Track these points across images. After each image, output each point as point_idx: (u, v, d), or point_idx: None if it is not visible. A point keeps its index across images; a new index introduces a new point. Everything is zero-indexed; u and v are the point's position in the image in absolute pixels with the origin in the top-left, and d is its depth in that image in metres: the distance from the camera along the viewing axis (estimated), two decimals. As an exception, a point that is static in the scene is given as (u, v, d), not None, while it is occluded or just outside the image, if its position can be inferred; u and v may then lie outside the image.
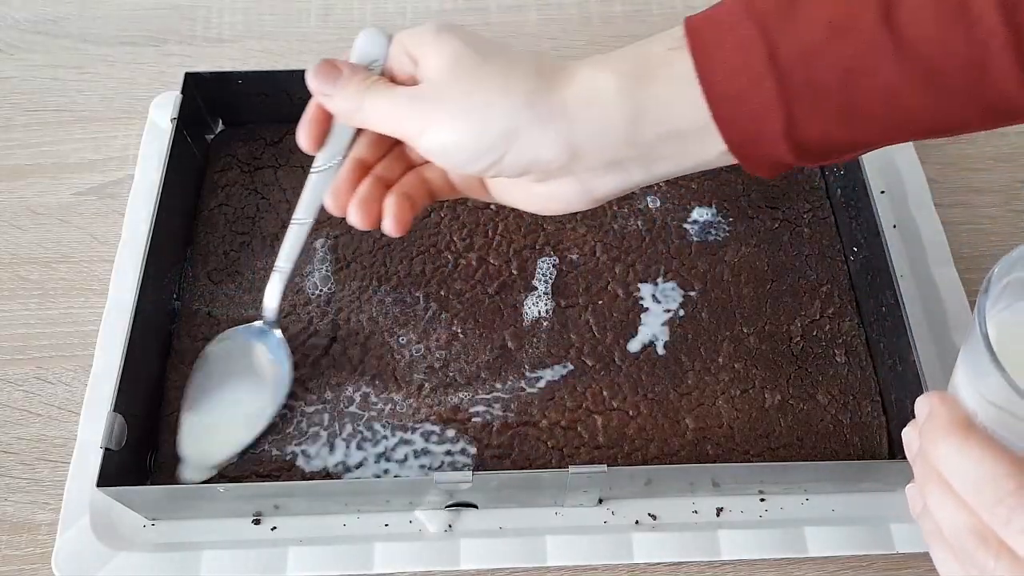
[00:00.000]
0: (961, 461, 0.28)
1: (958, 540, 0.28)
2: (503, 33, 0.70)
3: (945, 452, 0.29)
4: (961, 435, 0.28)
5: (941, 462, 0.29)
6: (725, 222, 0.56)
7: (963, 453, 0.28)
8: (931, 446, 0.29)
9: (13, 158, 0.63)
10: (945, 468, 0.29)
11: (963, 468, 0.28)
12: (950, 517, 0.29)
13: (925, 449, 0.30)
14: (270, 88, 0.59)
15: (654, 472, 0.46)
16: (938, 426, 0.29)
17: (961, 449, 0.28)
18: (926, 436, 0.30)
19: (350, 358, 0.51)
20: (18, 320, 0.55)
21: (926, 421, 0.30)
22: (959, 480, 0.28)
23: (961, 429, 0.28)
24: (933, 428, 0.29)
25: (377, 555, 0.46)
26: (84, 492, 0.47)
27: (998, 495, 0.27)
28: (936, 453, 0.29)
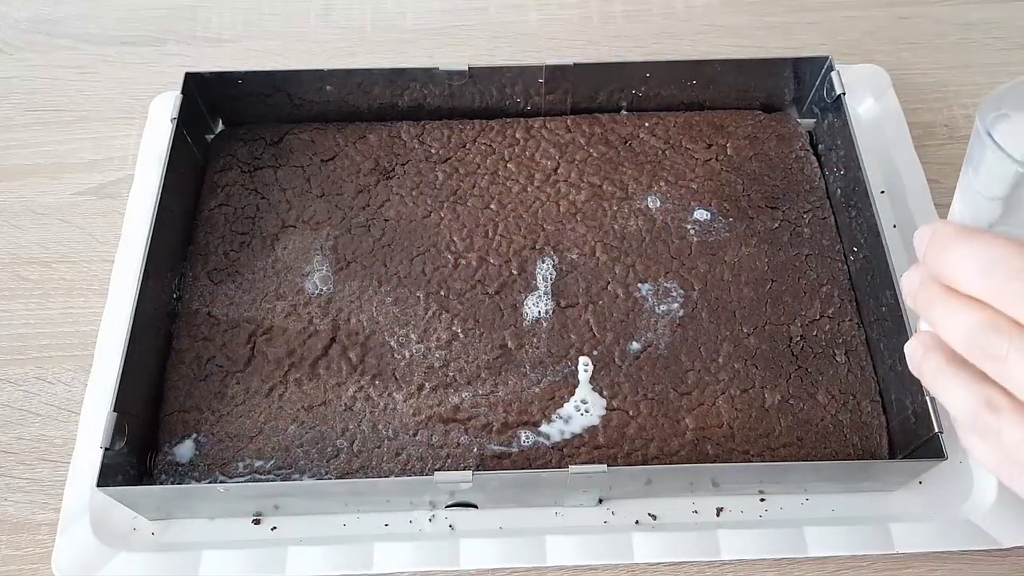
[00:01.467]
0: (969, 255, 0.28)
1: (970, 341, 0.28)
2: (503, 33, 0.70)
3: (952, 255, 0.29)
4: (967, 236, 0.28)
5: (949, 267, 0.29)
6: (725, 222, 0.56)
7: (971, 247, 0.28)
8: (937, 259, 0.29)
9: (13, 158, 0.63)
10: (954, 271, 0.29)
11: (972, 259, 0.28)
12: (960, 322, 0.29)
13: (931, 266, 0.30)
14: (270, 88, 0.59)
15: (654, 472, 0.46)
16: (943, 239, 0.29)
17: (969, 245, 0.28)
18: (931, 255, 0.30)
19: (350, 358, 0.51)
20: (18, 320, 0.56)
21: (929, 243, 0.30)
22: (968, 274, 0.28)
23: (966, 232, 0.28)
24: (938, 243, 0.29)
25: (377, 555, 0.46)
26: (84, 492, 0.47)
27: (1009, 272, 0.27)
28: (944, 261, 0.29)
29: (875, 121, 0.62)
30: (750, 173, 0.58)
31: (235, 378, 0.50)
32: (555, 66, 0.57)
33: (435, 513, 0.48)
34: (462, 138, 0.60)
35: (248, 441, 0.49)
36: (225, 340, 0.52)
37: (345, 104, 0.60)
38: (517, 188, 0.58)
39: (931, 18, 0.71)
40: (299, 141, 0.60)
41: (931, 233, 0.30)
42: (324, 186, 0.58)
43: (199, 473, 0.48)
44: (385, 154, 0.59)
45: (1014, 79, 0.32)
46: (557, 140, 0.60)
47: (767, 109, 0.62)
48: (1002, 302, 0.27)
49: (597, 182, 0.58)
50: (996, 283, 0.27)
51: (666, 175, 0.58)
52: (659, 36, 0.70)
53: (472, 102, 0.60)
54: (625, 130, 0.60)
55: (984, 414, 0.28)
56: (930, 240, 0.30)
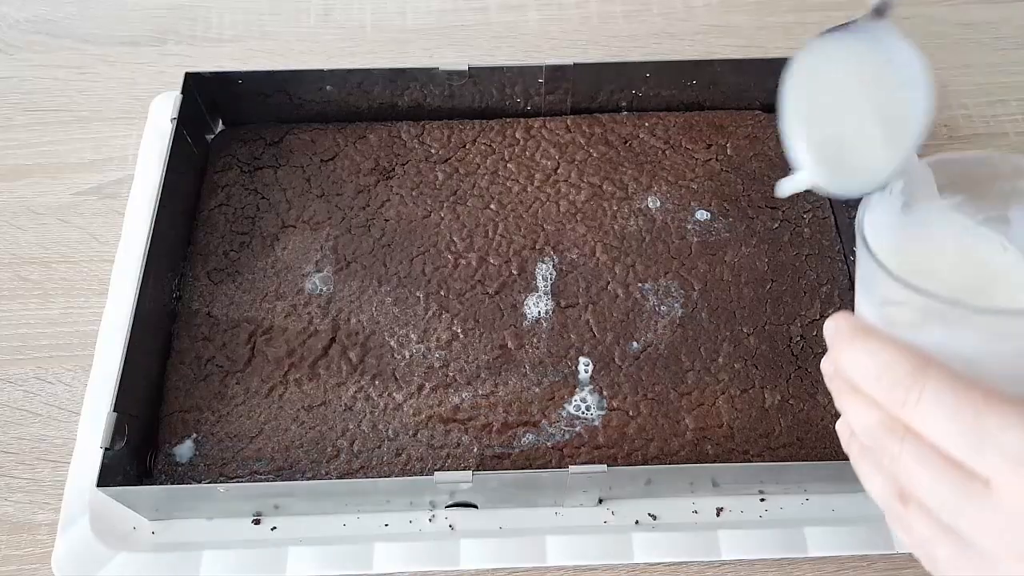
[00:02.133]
0: (862, 358, 0.30)
1: (870, 438, 0.30)
2: (503, 33, 0.70)
3: (849, 356, 0.30)
4: (861, 337, 0.30)
5: (847, 367, 0.30)
6: (725, 222, 0.56)
7: (864, 351, 0.30)
8: (839, 356, 0.31)
9: (13, 158, 0.63)
10: (851, 371, 0.30)
11: (864, 364, 0.30)
12: (860, 417, 0.30)
13: (835, 361, 0.32)
14: (270, 88, 0.59)
15: (654, 472, 0.46)
16: (843, 337, 0.31)
17: (862, 348, 0.30)
18: (834, 350, 0.31)
19: (350, 358, 0.51)
20: (18, 320, 0.56)
21: (832, 337, 0.32)
22: (862, 376, 0.30)
23: (861, 332, 0.30)
24: (839, 340, 0.31)
25: (377, 555, 0.46)
26: (84, 492, 0.47)
27: (895, 379, 0.28)
28: (843, 360, 0.31)
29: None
30: (750, 173, 0.58)
31: (235, 378, 0.50)
32: (555, 66, 0.57)
33: (435, 513, 0.48)
34: (462, 138, 0.60)
35: (248, 441, 0.49)
36: (225, 340, 0.52)
37: (345, 104, 0.60)
38: (517, 188, 0.58)
39: (931, 18, 0.71)
40: (299, 141, 0.60)
41: (834, 328, 0.31)
42: (324, 186, 0.58)
43: (199, 473, 0.48)
44: (385, 154, 0.59)
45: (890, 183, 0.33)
46: (557, 140, 0.60)
47: (767, 109, 0.62)
48: (890, 406, 0.29)
49: (597, 182, 0.58)
50: (883, 389, 0.29)
51: (666, 175, 0.58)
52: (659, 36, 0.70)
53: (472, 102, 0.60)
54: (625, 130, 0.60)
55: (896, 505, 0.30)
56: (834, 335, 0.31)
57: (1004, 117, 0.65)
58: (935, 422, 0.27)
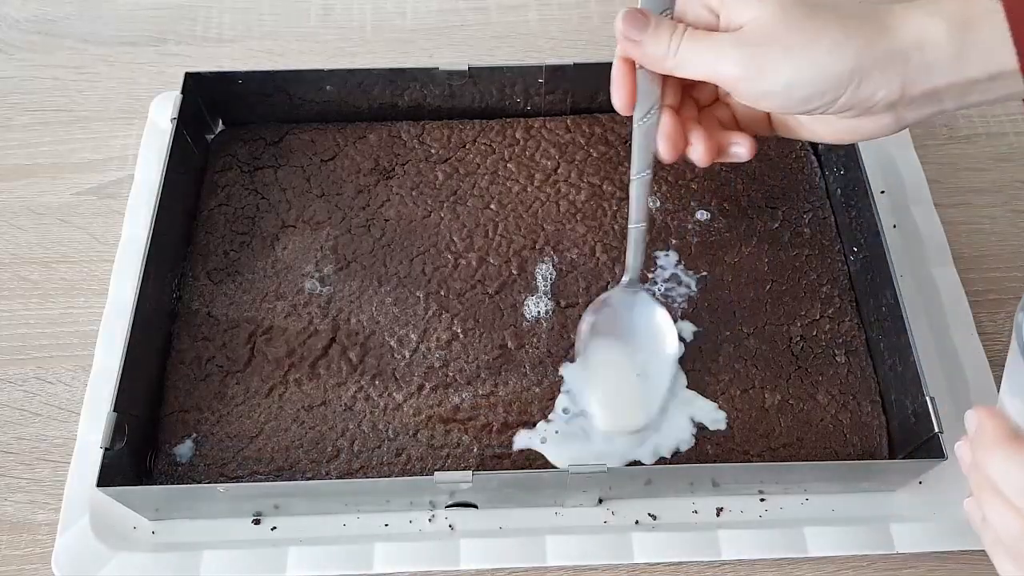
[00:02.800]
0: (1010, 468, 0.30)
1: (1015, 546, 0.30)
2: (503, 33, 0.70)
3: (995, 463, 0.30)
4: (1008, 445, 0.30)
5: (992, 472, 0.30)
6: (725, 222, 0.56)
7: (1012, 461, 0.30)
8: (983, 458, 0.31)
9: (13, 158, 0.63)
10: (997, 478, 0.30)
11: (1012, 475, 0.30)
12: (1006, 524, 0.30)
13: (977, 460, 0.32)
14: (270, 88, 0.59)
15: (654, 472, 0.46)
16: (987, 439, 0.31)
17: (1010, 458, 0.30)
18: (977, 448, 0.31)
19: (350, 358, 0.51)
20: (18, 320, 0.56)
21: (975, 434, 0.32)
22: (1010, 488, 0.30)
23: (1008, 440, 0.30)
24: (982, 441, 0.31)
25: (377, 555, 0.46)
26: (84, 492, 0.47)
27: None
28: (988, 463, 0.31)
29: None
30: (750, 173, 0.58)
31: (235, 378, 0.50)
32: (555, 66, 0.57)
33: (435, 513, 0.48)
34: (462, 138, 0.60)
35: (248, 441, 0.49)
36: (225, 340, 0.52)
37: (345, 104, 0.60)
38: (517, 188, 0.58)
39: (931, 18, 0.71)
40: (299, 141, 0.60)
41: (976, 425, 0.31)
42: (324, 186, 0.58)
43: (199, 473, 0.48)
44: (385, 154, 0.59)
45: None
46: (557, 140, 0.60)
47: (767, 109, 0.62)
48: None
49: (597, 182, 0.58)
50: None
51: (666, 175, 0.58)
52: (659, 36, 0.70)
53: (472, 102, 0.60)
54: (625, 130, 0.60)
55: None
56: (977, 433, 0.31)
57: (1004, 117, 0.65)
58: None
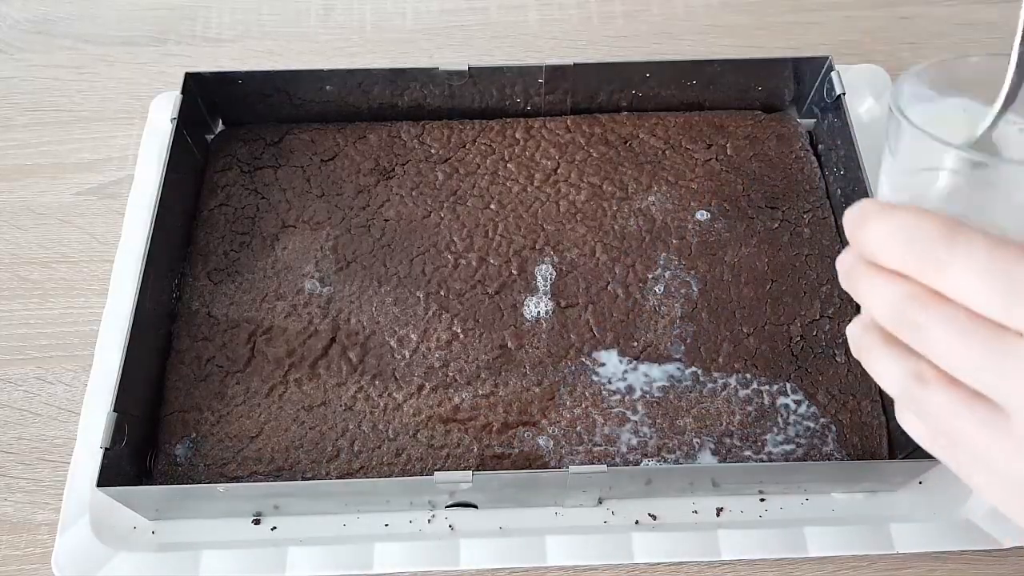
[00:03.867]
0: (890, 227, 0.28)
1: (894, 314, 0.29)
2: (503, 33, 0.70)
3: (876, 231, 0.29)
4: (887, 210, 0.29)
5: (874, 243, 0.29)
6: (725, 222, 0.56)
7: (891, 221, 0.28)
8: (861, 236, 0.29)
9: (13, 158, 0.63)
10: (878, 246, 0.29)
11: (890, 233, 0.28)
12: (885, 295, 0.29)
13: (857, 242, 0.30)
14: (270, 88, 0.59)
15: (654, 472, 0.46)
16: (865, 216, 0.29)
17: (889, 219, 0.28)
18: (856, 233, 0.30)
19: (350, 358, 0.51)
20: (18, 320, 0.56)
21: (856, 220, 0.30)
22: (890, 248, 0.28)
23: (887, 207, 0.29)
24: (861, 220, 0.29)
25: (377, 555, 0.46)
26: (84, 492, 0.47)
27: (925, 243, 0.27)
28: (869, 237, 0.29)
29: (875, 121, 0.62)
30: (750, 173, 0.58)
31: (235, 378, 0.50)
32: (555, 66, 0.57)
33: (435, 513, 0.48)
34: (462, 138, 0.60)
35: (248, 441, 0.49)
36: (225, 340, 0.52)
37: (345, 104, 0.60)
38: (517, 188, 0.58)
39: (931, 18, 0.71)
40: (299, 141, 0.60)
41: (859, 210, 0.30)
42: (324, 186, 0.58)
43: (199, 473, 0.48)
44: (385, 154, 0.59)
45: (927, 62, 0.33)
46: (557, 140, 0.60)
47: (767, 109, 0.62)
48: (920, 272, 0.28)
49: (597, 182, 0.58)
50: (914, 253, 0.28)
51: (666, 175, 0.58)
52: (659, 36, 0.70)
53: (472, 102, 0.60)
54: (625, 130, 0.60)
55: (913, 387, 0.29)
56: (857, 216, 0.30)
57: (1004, 117, 0.65)
58: (968, 280, 0.26)
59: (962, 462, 0.29)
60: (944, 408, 0.28)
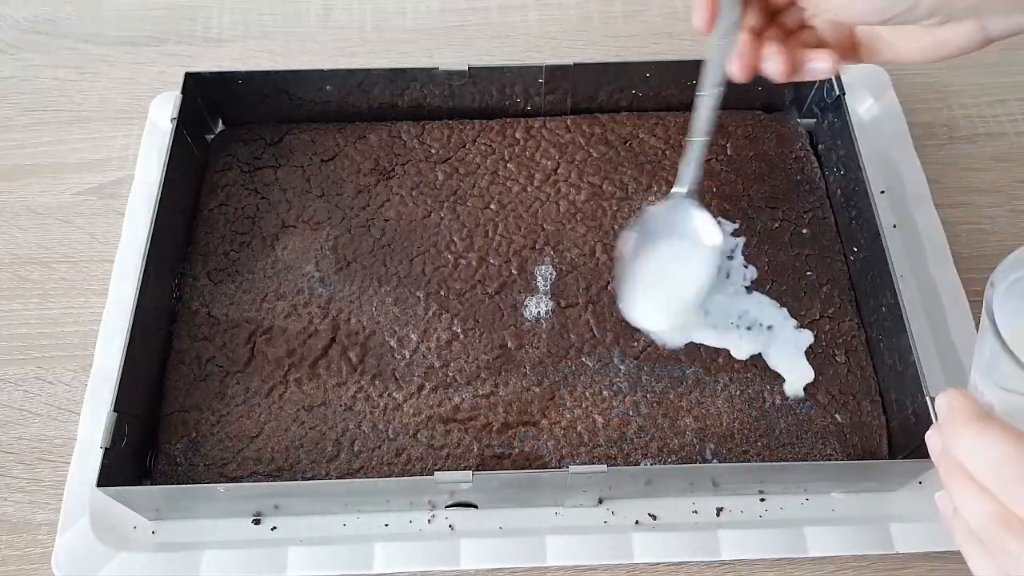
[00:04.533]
0: (981, 447, 0.28)
1: (984, 531, 0.29)
2: (503, 33, 0.70)
3: (965, 442, 0.29)
4: (980, 424, 0.29)
5: (962, 453, 0.29)
6: (725, 222, 0.56)
7: (982, 439, 0.28)
8: (952, 439, 0.30)
9: (13, 158, 0.63)
10: (966, 458, 0.29)
11: (983, 454, 0.28)
12: (974, 508, 0.29)
13: (947, 444, 0.30)
14: (270, 88, 0.59)
15: (654, 472, 0.46)
16: (957, 419, 0.29)
17: (980, 436, 0.29)
18: (946, 431, 0.30)
19: (350, 358, 0.51)
20: (18, 320, 0.56)
21: (946, 417, 0.30)
22: (980, 467, 0.29)
23: (979, 419, 0.29)
24: (952, 422, 0.30)
25: (377, 555, 0.46)
26: (84, 492, 0.47)
27: (1018, 475, 0.27)
28: (957, 445, 0.29)
29: (875, 121, 0.62)
30: (750, 173, 0.58)
31: (235, 378, 0.50)
32: (555, 66, 0.57)
33: (435, 513, 0.48)
34: (462, 138, 0.60)
35: (248, 441, 0.49)
36: (225, 340, 0.52)
37: (345, 104, 0.60)
38: (517, 188, 0.58)
39: (931, 18, 0.71)
40: (299, 141, 0.60)
41: (947, 409, 0.30)
42: (324, 186, 0.58)
43: (199, 473, 0.48)
44: (385, 154, 0.59)
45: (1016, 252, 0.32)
46: (557, 140, 0.60)
47: (767, 109, 0.62)
48: (1010, 502, 0.28)
49: (597, 182, 0.58)
50: (1004, 484, 0.28)
51: (666, 175, 0.58)
52: (659, 36, 0.70)
53: (472, 102, 0.60)
54: (625, 130, 0.60)
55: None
56: (947, 415, 0.30)
57: (1004, 117, 0.65)
58: None
59: None
60: None
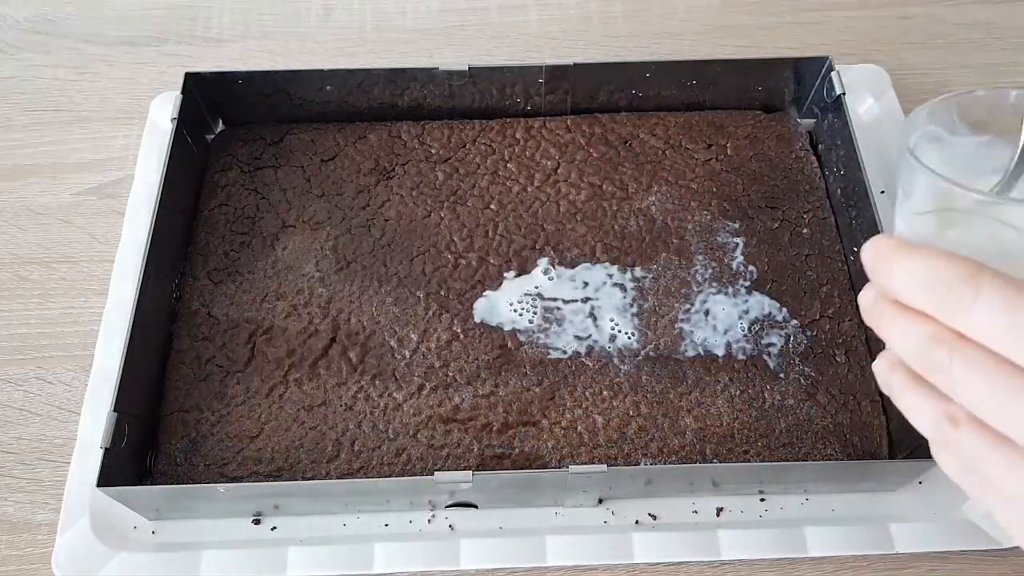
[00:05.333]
0: (910, 268, 0.29)
1: (919, 355, 0.29)
2: (503, 33, 0.70)
3: (898, 271, 0.29)
4: (909, 250, 0.29)
5: (896, 283, 0.29)
6: (725, 222, 0.56)
7: (914, 262, 0.29)
8: (885, 275, 0.30)
9: (13, 158, 0.63)
10: (900, 286, 0.29)
11: (912, 274, 0.29)
12: (909, 335, 0.29)
13: (877, 282, 0.30)
14: (270, 88, 0.59)
15: (654, 472, 0.46)
16: (885, 256, 0.30)
17: (908, 259, 0.29)
18: (876, 271, 0.30)
19: (350, 358, 0.51)
20: (18, 320, 0.56)
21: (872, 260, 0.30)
22: (911, 291, 0.29)
23: (908, 247, 0.29)
24: (881, 258, 0.30)
25: (377, 555, 0.46)
26: (84, 492, 0.47)
27: (947, 285, 0.27)
28: (891, 277, 0.30)
29: (875, 121, 0.62)
30: (750, 173, 0.58)
31: (235, 378, 0.50)
32: (555, 66, 0.57)
33: (435, 513, 0.48)
34: (462, 138, 0.60)
35: (248, 441, 0.49)
36: (225, 340, 0.52)
37: (345, 104, 0.60)
38: (517, 188, 0.58)
39: (931, 18, 0.71)
40: (299, 141, 0.60)
41: (874, 249, 0.30)
42: (324, 186, 0.58)
43: (199, 473, 0.48)
44: (385, 154, 0.59)
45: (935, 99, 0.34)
46: (557, 140, 0.60)
47: (767, 109, 0.62)
48: (944, 314, 0.28)
49: (597, 182, 0.58)
50: (937, 296, 0.28)
51: (666, 175, 0.58)
52: (659, 36, 0.70)
53: (472, 102, 0.60)
54: (625, 130, 0.60)
55: (946, 428, 0.29)
56: (872, 255, 0.30)
57: (1004, 117, 0.65)
58: (991, 324, 0.26)
59: (992, 501, 0.29)
60: (973, 450, 0.28)
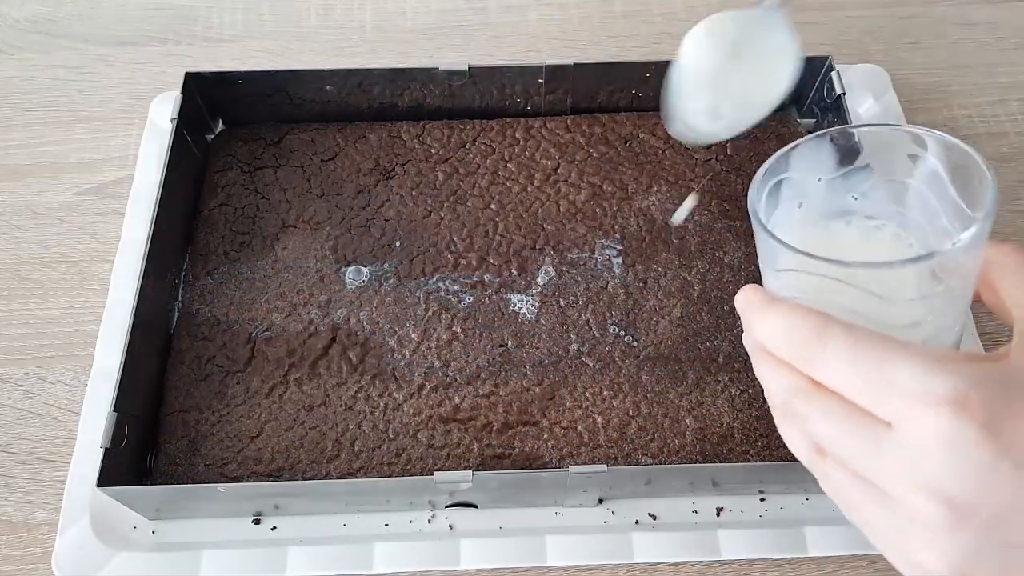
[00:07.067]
0: (771, 324, 0.31)
1: (783, 402, 0.32)
2: (503, 33, 0.70)
3: (759, 325, 0.32)
4: (769, 305, 0.32)
5: (761, 335, 0.32)
6: (725, 222, 0.56)
7: (771, 317, 0.31)
8: (752, 327, 0.33)
9: (13, 158, 0.63)
10: (764, 338, 0.32)
11: (772, 330, 0.31)
12: (772, 382, 0.32)
13: (748, 331, 0.33)
14: (270, 88, 0.59)
15: (654, 472, 0.46)
16: (754, 308, 0.32)
17: (769, 314, 0.31)
18: (746, 322, 0.33)
19: (350, 358, 0.51)
20: (18, 320, 0.56)
21: (743, 310, 0.33)
22: (774, 342, 0.31)
23: (768, 302, 0.32)
24: (750, 311, 0.33)
25: (377, 555, 0.46)
26: (84, 492, 0.47)
27: (801, 339, 0.30)
28: (756, 330, 0.32)
29: (875, 121, 0.62)
30: (750, 173, 0.58)
31: (235, 378, 0.50)
32: (555, 66, 0.57)
33: (435, 513, 0.48)
34: (462, 138, 0.60)
35: (248, 441, 0.49)
36: (225, 340, 0.52)
37: (345, 104, 0.60)
38: (517, 188, 0.58)
39: (931, 18, 0.71)
40: (299, 141, 0.60)
41: (744, 300, 0.33)
42: (324, 186, 0.58)
43: (199, 473, 0.48)
44: (385, 154, 0.59)
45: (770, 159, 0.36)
46: (557, 140, 0.60)
47: (767, 109, 0.62)
48: (800, 365, 0.31)
49: (597, 182, 0.58)
50: (793, 349, 0.30)
51: (666, 175, 0.58)
52: (659, 36, 0.70)
53: (472, 102, 0.60)
54: (625, 130, 0.60)
55: (815, 459, 0.32)
56: (742, 306, 0.33)
57: (1004, 117, 0.65)
58: (839, 375, 0.29)
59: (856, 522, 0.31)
60: (836, 480, 0.31)
